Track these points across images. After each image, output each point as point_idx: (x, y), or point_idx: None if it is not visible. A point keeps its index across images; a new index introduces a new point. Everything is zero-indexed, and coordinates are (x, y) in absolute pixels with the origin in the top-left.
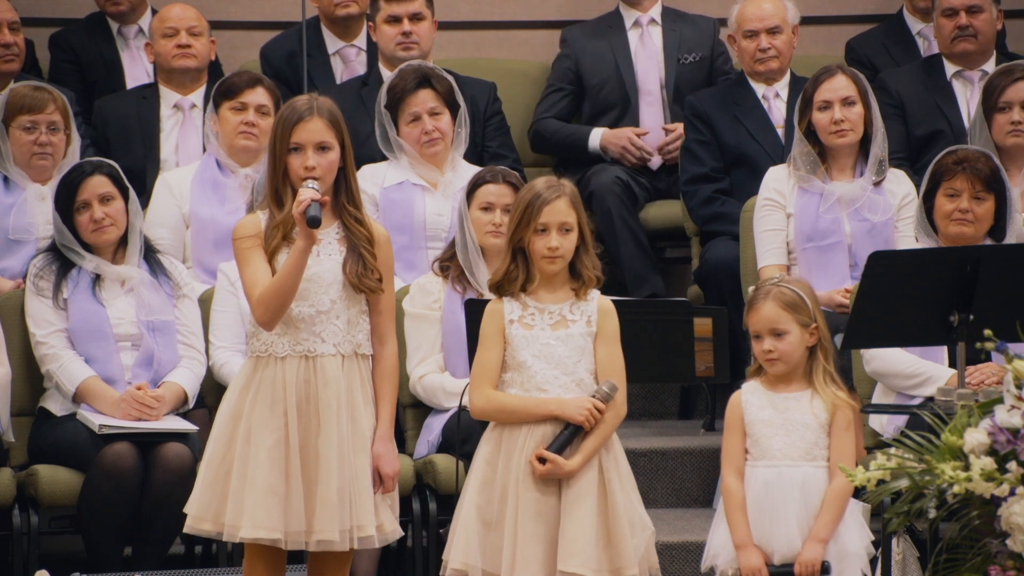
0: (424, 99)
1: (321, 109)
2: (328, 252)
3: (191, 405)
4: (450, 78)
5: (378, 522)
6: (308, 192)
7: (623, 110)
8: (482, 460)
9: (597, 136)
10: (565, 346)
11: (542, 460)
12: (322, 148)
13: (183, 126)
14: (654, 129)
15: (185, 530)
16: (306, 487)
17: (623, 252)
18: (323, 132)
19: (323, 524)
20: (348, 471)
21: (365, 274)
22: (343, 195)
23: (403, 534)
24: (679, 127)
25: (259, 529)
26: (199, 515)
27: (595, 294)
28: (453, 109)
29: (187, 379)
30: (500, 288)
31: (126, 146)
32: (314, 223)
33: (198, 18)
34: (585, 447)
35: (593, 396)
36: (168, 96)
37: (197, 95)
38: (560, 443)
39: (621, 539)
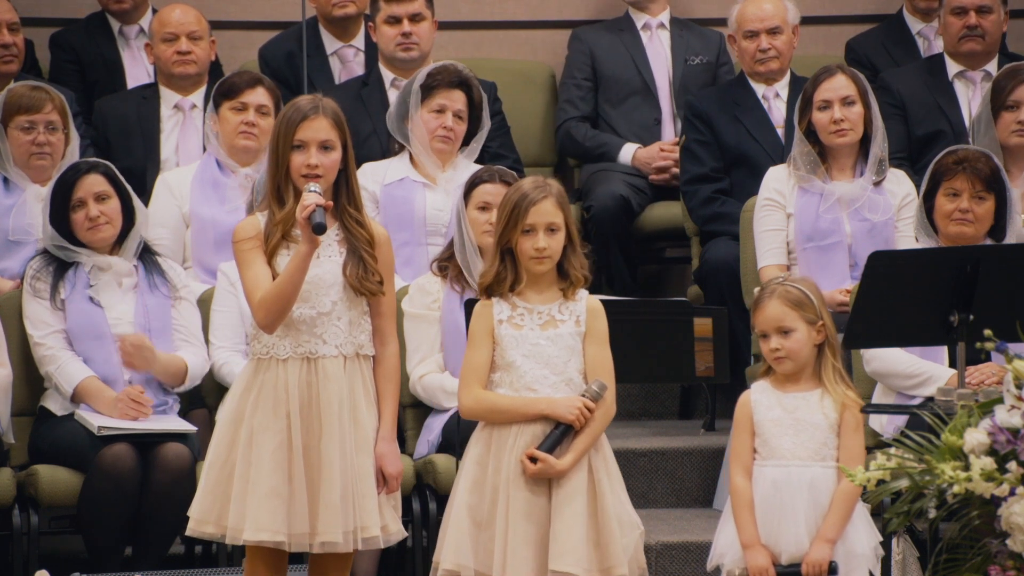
0: (456, 98)
1: (326, 109)
2: (328, 254)
3: (188, 384)
4: (485, 96)
5: (382, 523)
6: (313, 197)
7: (643, 98)
8: (472, 460)
9: (629, 152)
10: (554, 346)
11: (533, 459)
12: (325, 147)
13: (183, 126)
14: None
15: (188, 533)
16: (309, 489)
17: (613, 265)
18: (327, 131)
19: (327, 526)
20: (351, 472)
21: (366, 277)
22: (343, 196)
23: (407, 534)
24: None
25: (262, 532)
26: (201, 518)
27: (583, 294)
28: (475, 121)
29: (189, 355)
30: (490, 290)
31: (126, 146)
32: (320, 230)
33: (198, 21)
34: (576, 446)
35: (583, 395)
36: (168, 96)
37: (197, 95)
38: (551, 442)
39: (611, 538)
